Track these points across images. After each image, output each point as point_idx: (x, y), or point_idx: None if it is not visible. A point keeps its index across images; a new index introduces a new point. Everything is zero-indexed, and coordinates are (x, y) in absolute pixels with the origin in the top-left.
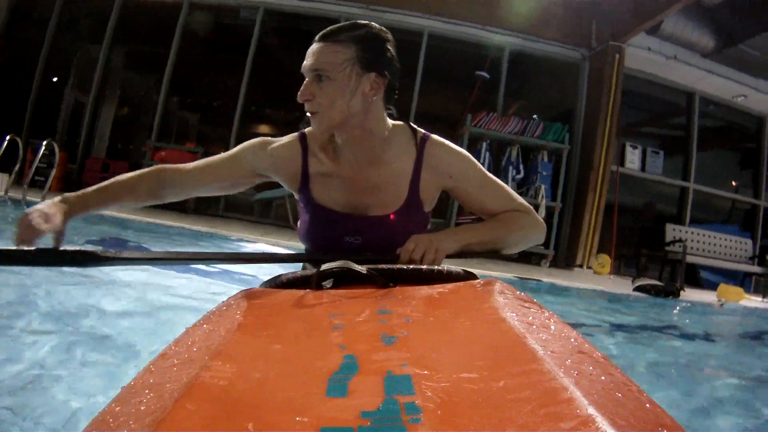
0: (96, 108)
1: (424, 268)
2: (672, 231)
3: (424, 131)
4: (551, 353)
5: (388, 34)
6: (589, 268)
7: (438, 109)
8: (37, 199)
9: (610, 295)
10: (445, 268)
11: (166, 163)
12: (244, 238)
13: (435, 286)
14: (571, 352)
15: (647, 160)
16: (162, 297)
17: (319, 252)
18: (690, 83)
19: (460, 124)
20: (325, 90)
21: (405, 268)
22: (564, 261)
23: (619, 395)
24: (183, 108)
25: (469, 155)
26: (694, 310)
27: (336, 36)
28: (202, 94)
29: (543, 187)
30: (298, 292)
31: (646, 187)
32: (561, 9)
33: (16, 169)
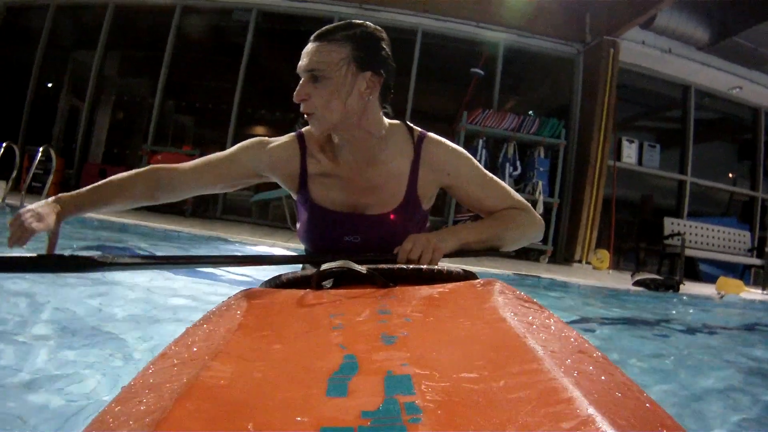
0: (91, 113)
1: (424, 267)
2: (670, 224)
3: (420, 129)
4: (551, 353)
5: (383, 33)
6: (588, 263)
7: (433, 107)
8: None
9: (610, 290)
10: (445, 268)
11: None
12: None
13: (435, 286)
14: (571, 352)
15: (644, 154)
16: (161, 297)
17: (319, 252)
18: (685, 76)
19: (456, 122)
20: (321, 90)
21: (405, 267)
22: (563, 257)
23: (619, 395)
24: (179, 111)
25: (467, 153)
26: (693, 303)
27: (331, 35)
28: (197, 97)
29: (540, 183)
30: (298, 292)
31: (643, 181)
32: (554, 4)
33: (13, 175)
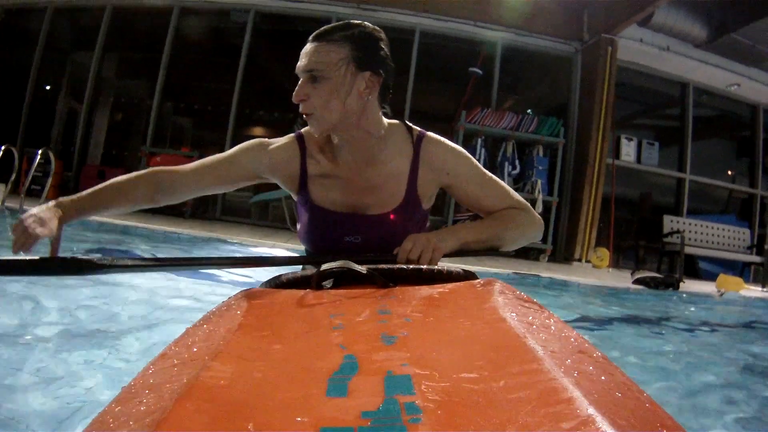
0: (90, 115)
1: (424, 267)
2: (669, 222)
3: (419, 129)
4: (551, 353)
5: (381, 33)
6: (587, 262)
7: (432, 107)
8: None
9: (610, 288)
10: (445, 268)
11: None
12: (243, 241)
13: (435, 286)
14: (571, 352)
15: (643, 152)
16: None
17: (319, 252)
18: (683, 74)
19: (455, 121)
20: (320, 90)
21: (405, 268)
22: (562, 255)
23: (619, 395)
24: (177, 113)
25: (466, 152)
26: (693, 301)
27: (330, 36)
28: (195, 98)
29: (539, 182)
30: (298, 292)
31: (642, 179)
32: (552, 3)
33: (12, 178)
